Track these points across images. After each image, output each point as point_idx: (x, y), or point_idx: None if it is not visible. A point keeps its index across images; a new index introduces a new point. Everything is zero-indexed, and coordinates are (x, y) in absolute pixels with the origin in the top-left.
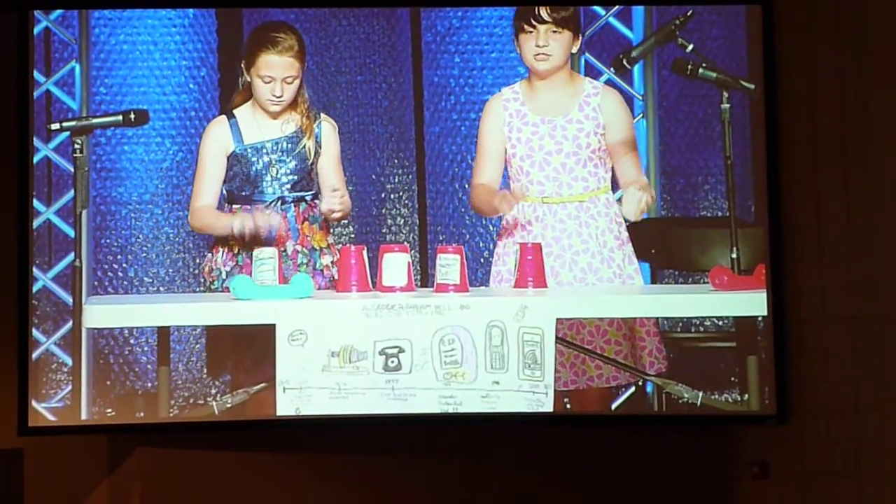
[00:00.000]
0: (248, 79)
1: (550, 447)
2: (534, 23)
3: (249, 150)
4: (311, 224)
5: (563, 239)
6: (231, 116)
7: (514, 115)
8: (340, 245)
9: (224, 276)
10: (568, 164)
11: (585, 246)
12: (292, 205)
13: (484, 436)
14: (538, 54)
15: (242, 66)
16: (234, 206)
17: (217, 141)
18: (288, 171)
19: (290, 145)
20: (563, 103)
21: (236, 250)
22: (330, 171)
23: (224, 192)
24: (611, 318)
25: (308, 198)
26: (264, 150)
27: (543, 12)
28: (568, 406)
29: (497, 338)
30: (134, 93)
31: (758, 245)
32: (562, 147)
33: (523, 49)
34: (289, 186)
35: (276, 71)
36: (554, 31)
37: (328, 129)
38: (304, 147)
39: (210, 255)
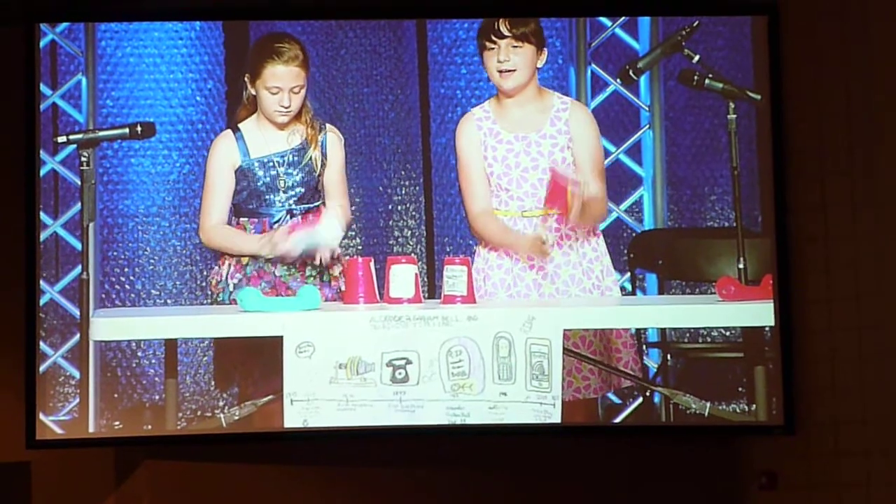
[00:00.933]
0: (254, 92)
1: (558, 458)
2: (494, 38)
3: (256, 164)
4: None
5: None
6: (236, 130)
7: (487, 133)
8: (348, 256)
9: (231, 288)
10: (545, 179)
11: (566, 258)
12: (300, 217)
13: (491, 447)
14: (501, 70)
15: (247, 79)
16: (242, 219)
17: (224, 156)
18: (295, 184)
19: (296, 157)
20: (534, 119)
21: (244, 262)
22: (334, 182)
23: (231, 205)
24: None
25: (314, 210)
26: (271, 164)
27: (503, 27)
28: None
29: (504, 349)
30: (140, 105)
31: (765, 255)
32: (538, 163)
33: (487, 66)
34: (296, 199)
35: (284, 81)
36: (515, 46)
37: (333, 140)
38: (310, 158)
39: (217, 267)
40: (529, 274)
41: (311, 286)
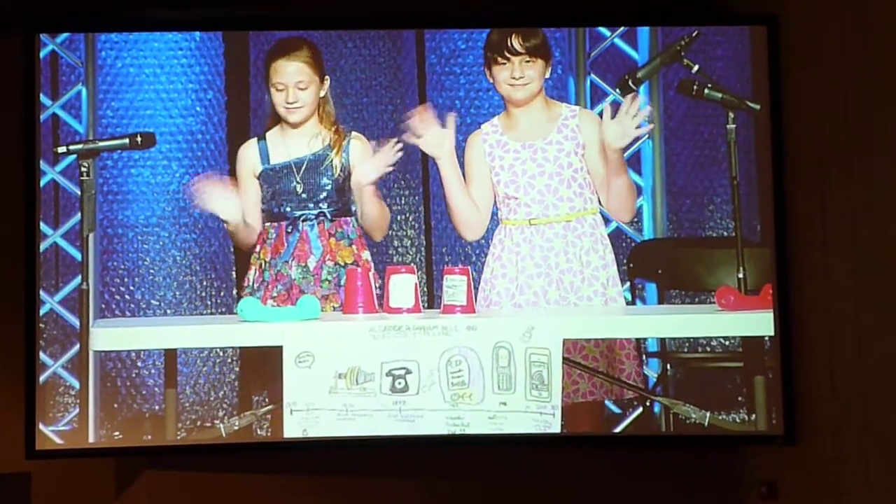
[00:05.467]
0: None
1: (558, 468)
2: (507, 55)
3: (274, 170)
4: (339, 240)
5: (551, 258)
6: (262, 139)
7: (494, 145)
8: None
9: (253, 292)
10: (552, 184)
11: (570, 265)
12: (315, 221)
13: (491, 457)
14: (514, 84)
15: (269, 86)
16: (266, 223)
17: (244, 164)
18: (311, 188)
19: (314, 163)
20: (541, 128)
21: (264, 267)
22: (360, 191)
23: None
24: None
25: (329, 214)
26: (287, 169)
27: (516, 43)
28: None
29: (504, 359)
30: (140, 116)
31: (764, 265)
32: (544, 169)
33: (497, 79)
34: (313, 203)
35: (287, 77)
36: (527, 62)
37: (358, 146)
38: (329, 163)
39: (247, 272)
40: (536, 281)
41: (310, 296)
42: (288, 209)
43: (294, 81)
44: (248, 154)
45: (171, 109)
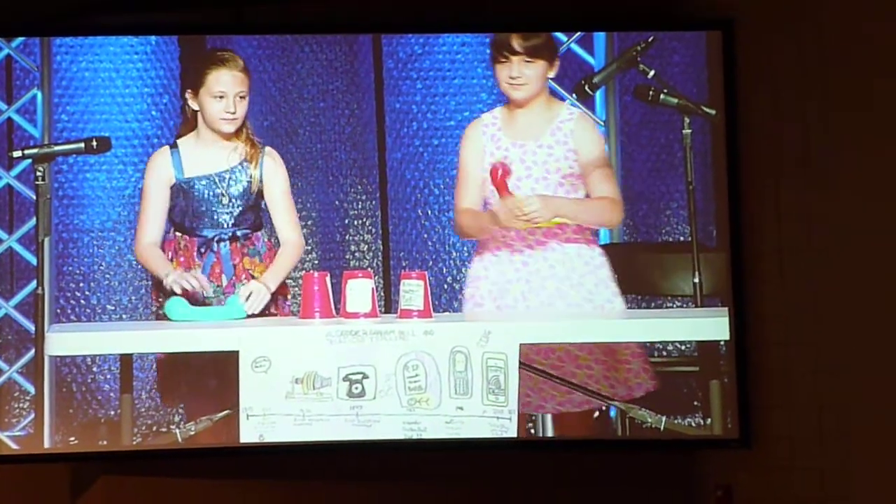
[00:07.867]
0: (195, 106)
1: (515, 472)
2: (507, 54)
3: (190, 183)
4: (252, 258)
5: (532, 263)
6: (174, 147)
7: (490, 139)
8: (303, 271)
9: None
10: (537, 188)
11: (553, 271)
12: (228, 241)
13: (448, 462)
14: (512, 84)
15: (188, 94)
16: (177, 234)
17: (157, 173)
18: (229, 204)
19: (232, 177)
20: (536, 128)
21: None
22: (275, 208)
23: (172, 221)
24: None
25: (240, 234)
26: (205, 182)
27: (515, 43)
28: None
29: (461, 363)
30: (96, 120)
31: (720, 269)
32: (531, 172)
33: (499, 77)
34: (227, 221)
35: (229, 86)
36: (527, 62)
37: (270, 164)
38: (244, 180)
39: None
40: (517, 286)
41: (237, 296)
42: (201, 225)
43: (236, 91)
44: (161, 163)
45: (126, 114)
